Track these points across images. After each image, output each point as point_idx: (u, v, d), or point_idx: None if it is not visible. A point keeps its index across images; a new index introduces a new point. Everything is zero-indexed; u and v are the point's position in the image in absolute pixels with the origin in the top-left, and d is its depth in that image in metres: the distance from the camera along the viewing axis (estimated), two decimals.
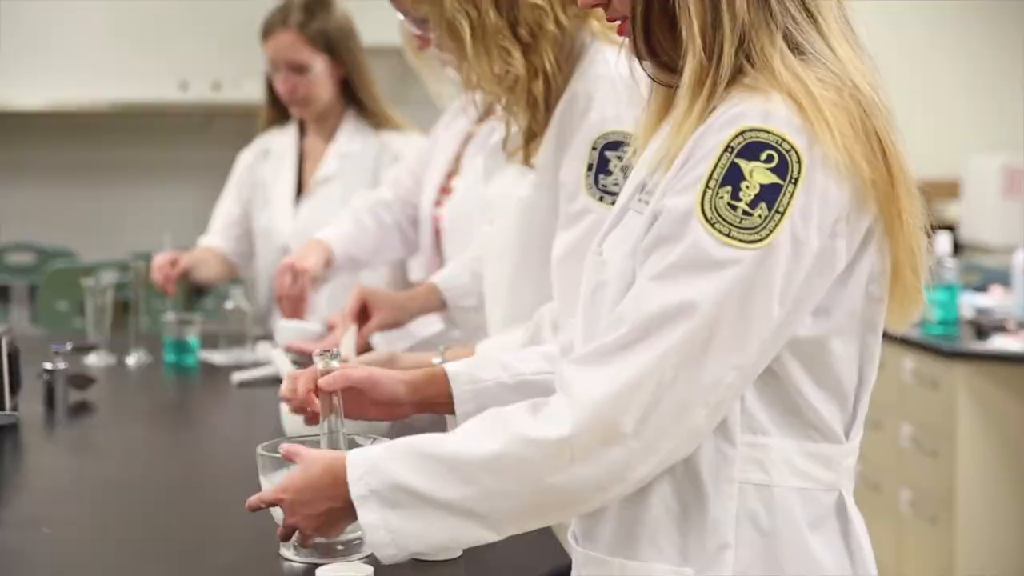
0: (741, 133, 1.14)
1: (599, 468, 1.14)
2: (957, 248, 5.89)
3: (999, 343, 3.32)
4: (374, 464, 1.19)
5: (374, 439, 1.40)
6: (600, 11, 1.67)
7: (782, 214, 1.13)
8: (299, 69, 2.91)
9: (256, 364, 2.60)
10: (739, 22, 1.17)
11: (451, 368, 1.47)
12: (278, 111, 3.06)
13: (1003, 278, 4.14)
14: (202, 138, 5.30)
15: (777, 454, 1.21)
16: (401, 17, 1.78)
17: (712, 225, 1.13)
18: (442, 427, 1.51)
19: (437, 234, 2.50)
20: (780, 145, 1.13)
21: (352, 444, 1.41)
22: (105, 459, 1.94)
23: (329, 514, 1.23)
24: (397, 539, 1.18)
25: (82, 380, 2.25)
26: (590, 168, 1.69)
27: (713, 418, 1.16)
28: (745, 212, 1.13)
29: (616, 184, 1.68)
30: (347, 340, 1.96)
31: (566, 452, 1.14)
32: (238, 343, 2.72)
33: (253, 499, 1.30)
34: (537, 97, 1.71)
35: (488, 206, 1.93)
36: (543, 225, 1.76)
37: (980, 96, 6.32)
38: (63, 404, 2.18)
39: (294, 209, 3.03)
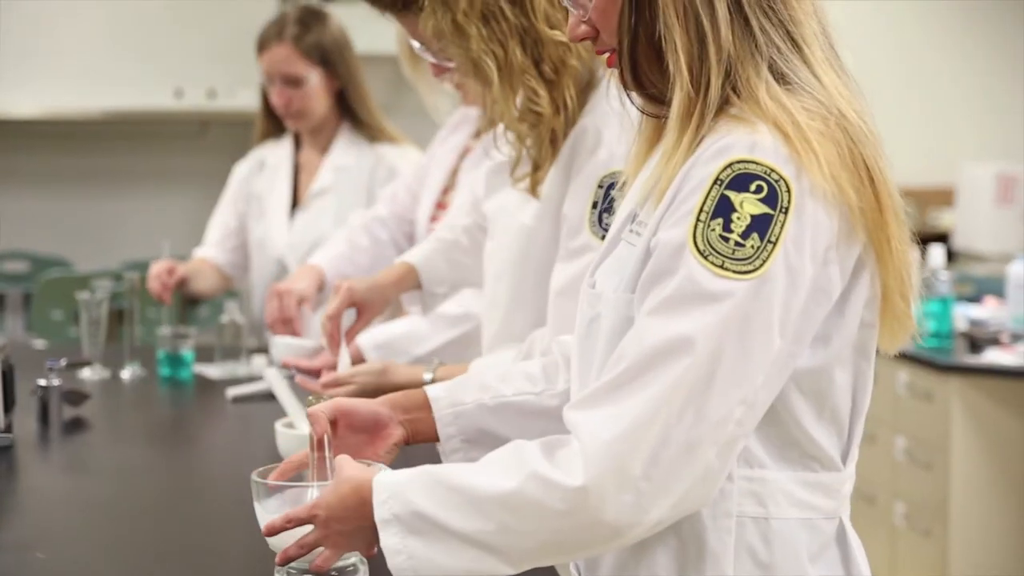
0: (729, 165, 1.14)
1: (613, 514, 1.12)
2: (951, 256, 5.90)
3: (992, 356, 3.32)
4: (398, 489, 1.18)
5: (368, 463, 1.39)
6: None
7: (774, 244, 1.13)
8: (294, 82, 2.92)
9: (250, 378, 2.60)
10: (725, 54, 1.18)
11: (432, 392, 1.45)
12: (273, 123, 3.07)
13: (996, 288, 4.14)
14: (197, 146, 5.30)
15: (774, 486, 1.21)
16: (417, 44, 1.78)
17: (705, 257, 1.13)
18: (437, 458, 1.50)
19: None
20: (769, 175, 1.14)
21: None
22: (99, 479, 1.93)
23: (360, 532, 1.21)
24: (416, 565, 1.17)
25: (76, 396, 2.25)
26: (595, 206, 1.70)
27: (725, 457, 1.14)
28: (737, 243, 1.13)
29: None
30: (343, 359, 1.96)
31: (580, 501, 1.12)
32: (232, 356, 2.72)
33: (278, 520, 1.26)
34: (557, 132, 1.71)
35: (487, 220, 1.94)
36: (543, 253, 1.76)
37: (976, 104, 6.34)
38: (57, 421, 2.18)
39: (289, 221, 3.04)
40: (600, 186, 1.69)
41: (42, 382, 2.19)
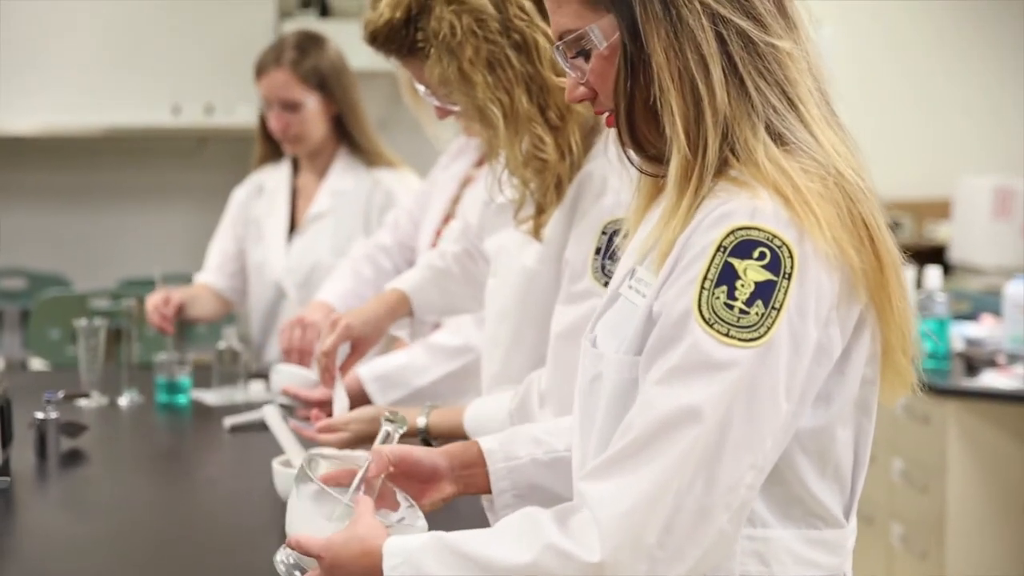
0: (732, 232, 1.15)
1: None
2: (948, 269, 5.90)
3: (989, 379, 3.31)
4: (410, 556, 1.19)
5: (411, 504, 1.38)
6: None
7: (778, 310, 1.13)
8: (292, 107, 2.92)
9: (248, 404, 2.60)
10: (721, 116, 1.18)
11: (486, 445, 1.46)
12: (271, 147, 3.07)
13: (993, 305, 4.14)
14: (195, 162, 5.30)
15: (778, 545, 1.21)
16: (422, 89, 1.78)
17: (710, 326, 1.13)
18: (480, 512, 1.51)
19: None
20: (771, 241, 1.14)
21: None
22: (97, 517, 1.92)
23: None
24: None
25: (74, 428, 2.25)
26: (598, 252, 1.69)
27: (737, 521, 1.15)
28: (742, 311, 1.13)
29: None
30: (339, 397, 1.96)
31: (596, 575, 1.13)
32: (230, 381, 2.72)
33: (294, 539, 1.27)
34: (563, 177, 1.71)
35: (486, 255, 1.94)
36: (544, 295, 1.76)
37: (975, 116, 6.34)
38: (55, 454, 2.18)
39: (287, 245, 3.04)
40: (604, 232, 1.69)
41: (40, 415, 2.19)
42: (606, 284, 1.68)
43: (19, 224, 5.19)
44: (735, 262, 1.14)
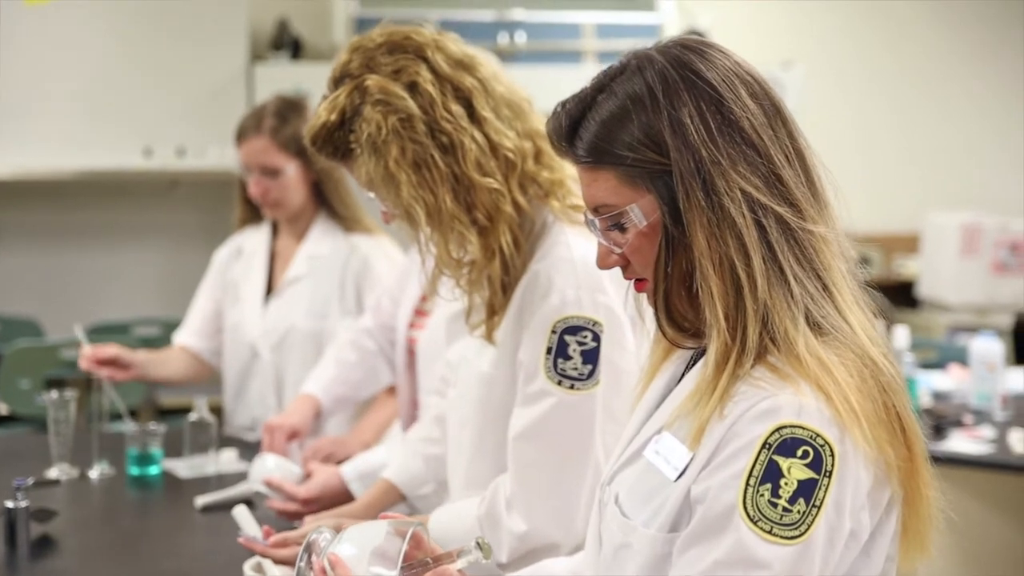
0: (778, 429, 1.17)
1: None
2: (916, 303, 5.95)
3: (955, 443, 3.31)
4: None
5: None
6: (561, 191, 1.70)
7: (819, 508, 1.16)
8: (272, 173, 2.93)
9: (219, 477, 2.61)
10: (761, 304, 1.20)
11: None
12: (252, 210, 3.09)
13: (959, 355, 4.16)
14: (166, 203, 5.28)
15: None
16: (368, 193, 1.79)
17: (755, 523, 1.16)
18: None
19: (411, 355, 2.52)
20: (815, 440, 1.17)
21: None
22: None
23: None
24: None
25: (44, 514, 2.24)
26: (549, 351, 1.71)
27: None
28: (785, 509, 1.16)
29: (575, 368, 1.71)
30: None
31: None
32: (201, 450, 2.72)
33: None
34: (494, 277, 1.73)
35: (449, 368, 1.96)
36: (502, 398, 1.79)
37: (945, 152, 6.39)
38: (25, 542, 2.17)
39: (263, 308, 3.05)
40: (554, 331, 1.72)
41: (9, 504, 2.18)
42: (560, 383, 1.71)
43: None
44: (780, 460, 1.17)
